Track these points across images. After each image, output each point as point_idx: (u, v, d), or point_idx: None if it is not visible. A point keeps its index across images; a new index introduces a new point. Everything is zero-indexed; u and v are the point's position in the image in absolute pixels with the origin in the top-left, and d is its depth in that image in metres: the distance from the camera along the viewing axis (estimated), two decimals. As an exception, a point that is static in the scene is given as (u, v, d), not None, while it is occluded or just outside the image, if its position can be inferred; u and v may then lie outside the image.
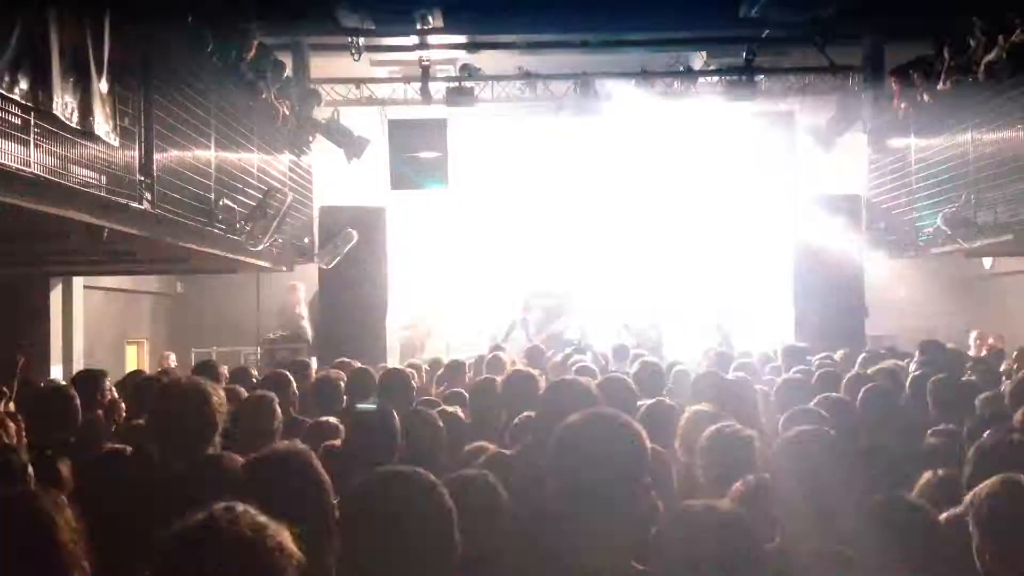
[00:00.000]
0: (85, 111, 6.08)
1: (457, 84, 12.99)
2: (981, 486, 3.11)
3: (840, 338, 10.63)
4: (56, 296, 10.69)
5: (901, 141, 11.98)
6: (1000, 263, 13.63)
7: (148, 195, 7.17)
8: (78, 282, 11.10)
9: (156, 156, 7.28)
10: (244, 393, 5.95)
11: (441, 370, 8.62)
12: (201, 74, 8.55)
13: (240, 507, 1.97)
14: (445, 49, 12.96)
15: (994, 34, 9.76)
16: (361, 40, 12.19)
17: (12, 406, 6.11)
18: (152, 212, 7.26)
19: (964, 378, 6.71)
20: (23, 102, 5.44)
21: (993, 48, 9.70)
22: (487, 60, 13.21)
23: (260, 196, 9.80)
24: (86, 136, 6.20)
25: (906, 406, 6.12)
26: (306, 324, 13.36)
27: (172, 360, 12.84)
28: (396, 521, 2.45)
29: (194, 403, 3.46)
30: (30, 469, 4.03)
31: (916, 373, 6.51)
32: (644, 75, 13.18)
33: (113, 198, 6.64)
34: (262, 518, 1.97)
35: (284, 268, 12.13)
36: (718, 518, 2.54)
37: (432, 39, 12.42)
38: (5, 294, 10.01)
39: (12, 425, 5.02)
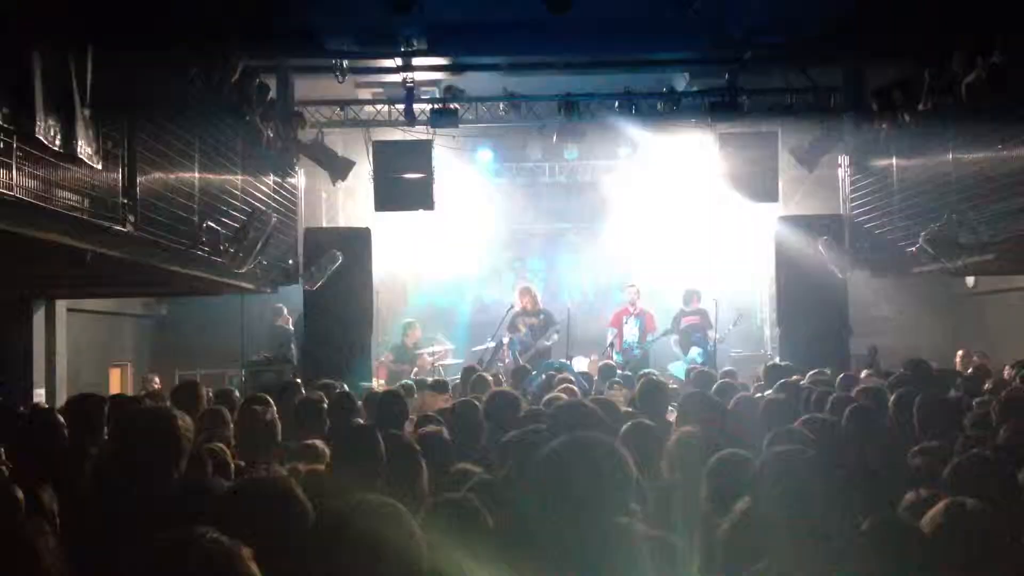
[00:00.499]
0: (68, 135, 6.07)
1: (441, 105, 13.01)
2: (932, 510, 3.16)
3: (825, 357, 10.65)
4: (39, 319, 10.62)
5: (883, 161, 12.04)
6: (983, 282, 13.71)
7: (131, 217, 7.15)
8: (61, 304, 11.03)
9: (139, 179, 7.27)
10: (228, 415, 5.93)
11: (426, 389, 8.62)
12: (185, 97, 8.56)
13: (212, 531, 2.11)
14: (429, 71, 12.99)
15: (973, 55, 9.86)
16: (345, 62, 12.22)
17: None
18: (135, 234, 7.24)
19: (949, 396, 6.75)
20: (5, 126, 5.44)
21: (973, 69, 9.80)
22: (471, 81, 13.23)
23: (244, 218, 9.78)
24: (69, 159, 6.18)
25: (891, 425, 6.14)
26: (292, 346, 13.33)
27: (156, 382, 12.74)
28: (365, 550, 2.47)
29: (158, 429, 3.43)
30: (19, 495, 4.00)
31: (900, 392, 6.52)
32: (628, 96, 13.26)
33: (96, 221, 6.63)
34: (231, 541, 2.11)
35: (268, 290, 12.08)
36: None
37: (416, 60, 12.44)
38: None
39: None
